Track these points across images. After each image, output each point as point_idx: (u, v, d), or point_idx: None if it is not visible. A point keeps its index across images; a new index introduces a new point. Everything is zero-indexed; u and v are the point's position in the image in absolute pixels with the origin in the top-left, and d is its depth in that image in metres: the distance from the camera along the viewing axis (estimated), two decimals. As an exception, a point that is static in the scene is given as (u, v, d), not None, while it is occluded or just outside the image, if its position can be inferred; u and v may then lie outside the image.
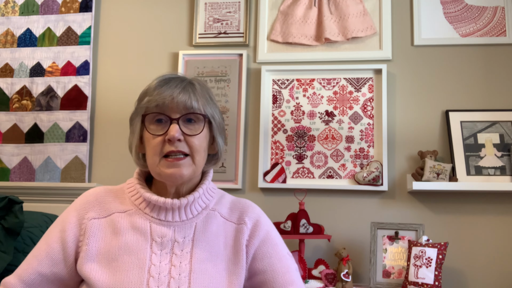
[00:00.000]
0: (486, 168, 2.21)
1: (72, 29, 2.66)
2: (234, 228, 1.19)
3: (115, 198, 1.19)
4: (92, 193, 1.20)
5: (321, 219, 2.31)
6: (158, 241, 1.12)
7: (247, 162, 2.44)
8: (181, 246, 1.13)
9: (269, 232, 1.22)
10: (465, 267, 2.20)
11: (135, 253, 1.10)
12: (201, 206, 1.18)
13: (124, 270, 1.08)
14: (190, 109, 1.12)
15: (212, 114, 1.16)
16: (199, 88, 1.16)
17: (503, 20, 2.36)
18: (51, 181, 2.54)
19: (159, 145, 1.11)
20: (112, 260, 1.10)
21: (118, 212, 1.16)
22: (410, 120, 2.35)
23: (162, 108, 1.11)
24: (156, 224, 1.14)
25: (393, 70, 2.39)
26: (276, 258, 1.19)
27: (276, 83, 2.45)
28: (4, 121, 2.64)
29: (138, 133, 1.16)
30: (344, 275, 2.02)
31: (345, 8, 2.45)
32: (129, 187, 1.21)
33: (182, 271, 1.10)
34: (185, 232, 1.14)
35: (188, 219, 1.16)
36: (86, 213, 1.16)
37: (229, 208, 1.22)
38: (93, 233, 1.13)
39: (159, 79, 1.16)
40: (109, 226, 1.14)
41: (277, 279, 1.16)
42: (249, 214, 1.21)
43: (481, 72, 2.34)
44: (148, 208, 1.15)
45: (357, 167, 2.33)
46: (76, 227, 1.15)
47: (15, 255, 1.86)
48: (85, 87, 2.59)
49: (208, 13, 2.58)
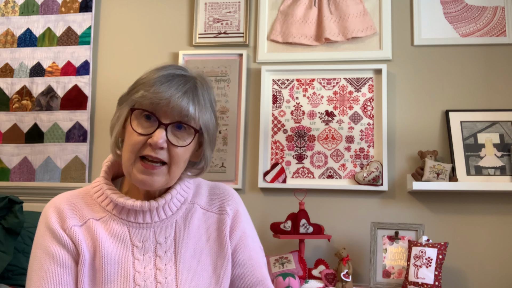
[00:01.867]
0: (486, 168, 2.21)
1: (72, 29, 2.66)
2: (216, 219, 1.14)
3: (85, 203, 1.10)
4: (58, 201, 1.09)
5: (321, 219, 2.31)
6: (139, 246, 1.07)
7: (247, 162, 2.43)
8: (164, 248, 1.08)
9: (247, 224, 1.18)
10: (465, 267, 2.20)
11: (117, 263, 1.04)
12: (179, 201, 1.12)
13: (108, 282, 1.03)
14: (184, 118, 1.02)
15: (206, 126, 1.07)
16: (201, 94, 1.06)
17: (503, 20, 2.36)
18: (51, 181, 2.54)
19: (138, 144, 1.02)
20: (95, 272, 1.04)
21: (93, 219, 1.07)
22: (410, 120, 2.35)
23: (155, 108, 1.01)
24: (135, 228, 1.07)
25: (393, 70, 2.39)
26: (254, 251, 1.17)
27: (276, 83, 2.45)
28: (4, 121, 2.64)
29: (123, 119, 1.07)
30: (344, 275, 2.02)
31: (345, 8, 2.45)
32: (96, 190, 1.11)
33: (168, 274, 1.06)
34: (166, 232, 1.09)
35: (167, 217, 1.10)
36: (63, 223, 1.06)
37: (208, 197, 1.17)
38: (80, 241, 1.04)
39: (161, 73, 1.05)
40: (88, 234, 1.06)
41: (255, 273, 1.15)
42: (230, 204, 1.16)
43: (481, 72, 2.34)
44: (123, 213, 1.08)
45: (357, 167, 2.33)
46: (61, 248, 1.04)
47: (15, 255, 1.86)
48: (85, 87, 2.59)
49: (208, 13, 2.58)
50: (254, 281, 1.14)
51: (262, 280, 1.15)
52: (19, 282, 1.84)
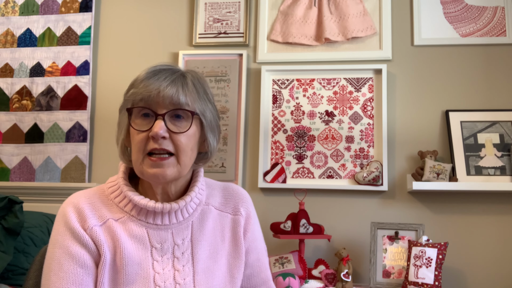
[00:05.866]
0: (486, 168, 2.21)
1: (72, 29, 2.66)
2: (231, 219, 1.16)
3: (102, 203, 1.09)
4: (77, 200, 1.08)
5: (321, 219, 2.31)
6: (158, 247, 1.07)
7: (247, 162, 2.44)
8: (181, 249, 1.09)
9: (257, 225, 1.22)
10: (465, 267, 2.20)
11: (137, 263, 1.04)
12: (195, 203, 1.13)
13: (129, 283, 1.03)
14: (177, 105, 1.03)
15: (202, 111, 1.07)
16: (190, 82, 1.07)
17: (503, 20, 2.36)
18: (51, 181, 2.54)
19: (143, 142, 1.03)
20: (115, 273, 1.04)
21: (112, 219, 1.07)
22: (410, 120, 2.35)
23: (147, 102, 1.03)
24: (153, 230, 1.08)
25: (393, 70, 2.39)
26: (261, 253, 1.20)
27: (276, 83, 2.45)
28: (4, 121, 2.64)
29: (124, 126, 1.09)
30: (344, 275, 2.02)
31: (345, 8, 2.45)
32: (113, 190, 1.11)
33: (186, 275, 1.07)
34: (183, 234, 1.10)
35: (184, 219, 1.11)
36: (84, 223, 1.05)
37: (222, 198, 1.18)
38: (101, 242, 1.04)
39: (148, 70, 1.08)
40: (108, 235, 1.05)
41: (261, 274, 1.18)
42: (244, 205, 1.19)
43: (481, 72, 2.34)
44: (141, 214, 1.08)
45: (357, 167, 2.33)
46: (82, 248, 1.03)
47: (15, 255, 1.86)
48: (85, 87, 2.59)
49: (208, 13, 2.58)
50: (259, 282, 1.17)
51: (267, 281, 1.18)
52: (19, 282, 1.84)
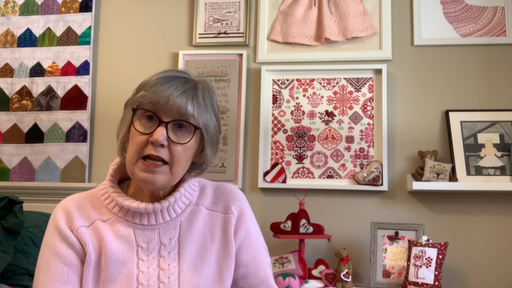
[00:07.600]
0: (486, 168, 2.21)
1: (72, 29, 2.66)
2: (221, 218, 1.15)
3: (92, 205, 1.13)
4: (67, 203, 1.14)
5: (321, 219, 2.31)
6: (144, 247, 1.09)
7: (247, 162, 2.44)
8: (168, 248, 1.10)
9: (252, 224, 1.20)
10: (465, 267, 2.20)
11: (122, 263, 1.07)
12: (184, 203, 1.13)
13: (112, 281, 1.06)
14: (183, 116, 1.05)
15: (206, 125, 1.09)
16: (201, 94, 1.08)
17: (503, 20, 2.36)
18: (51, 181, 2.54)
19: (141, 144, 1.05)
20: (99, 271, 1.07)
21: (100, 220, 1.10)
22: (410, 120, 2.35)
23: (155, 107, 1.05)
24: (140, 230, 1.10)
25: (393, 70, 2.39)
26: (258, 252, 1.18)
27: (276, 83, 2.45)
28: (4, 121, 2.64)
29: (127, 123, 1.11)
30: (344, 275, 2.02)
31: (345, 8, 2.45)
32: (103, 193, 1.14)
33: (171, 274, 1.08)
34: (170, 233, 1.11)
35: (172, 219, 1.12)
36: (71, 224, 1.09)
37: (213, 197, 1.18)
38: (86, 241, 1.08)
39: (162, 75, 1.08)
40: (95, 235, 1.09)
41: (258, 273, 1.16)
42: (235, 203, 1.17)
43: (481, 72, 2.34)
44: (128, 215, 1.11)
45: (357, 167, 2.33)
46: (68, 248, 1.08)
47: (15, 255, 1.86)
48: (85, 87, 2.59)
49: (208, 13, 2.58)
50: (257, 281, 1.15)
51: (266, 280, 1.16)
52: (19, 282, 1.83)
